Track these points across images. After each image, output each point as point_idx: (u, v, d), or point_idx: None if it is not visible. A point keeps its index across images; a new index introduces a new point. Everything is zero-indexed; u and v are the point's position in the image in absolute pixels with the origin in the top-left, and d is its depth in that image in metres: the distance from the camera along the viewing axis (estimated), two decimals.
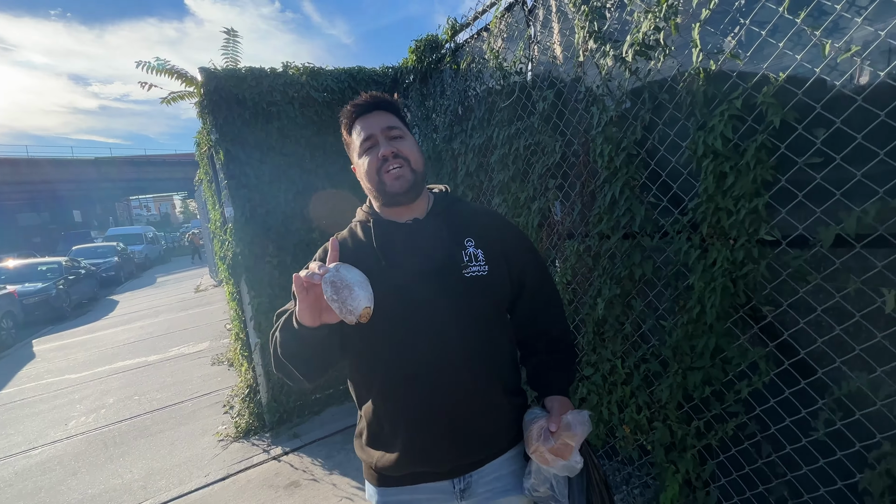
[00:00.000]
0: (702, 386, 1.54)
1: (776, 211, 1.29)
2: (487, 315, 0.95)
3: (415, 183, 0.93)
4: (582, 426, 0.87)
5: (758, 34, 1.25)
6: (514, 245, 1.02)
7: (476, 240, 0.96)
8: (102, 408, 4.12)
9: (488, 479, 0.95)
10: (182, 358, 5.36)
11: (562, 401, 0.97)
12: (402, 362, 0.89)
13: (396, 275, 0.90)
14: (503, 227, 1.03)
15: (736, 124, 1.31)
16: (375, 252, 0.93)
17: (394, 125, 0.94)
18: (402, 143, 0.93)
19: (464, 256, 0.94)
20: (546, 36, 2.04)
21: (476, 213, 1.04)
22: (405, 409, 0.90)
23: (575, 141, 1.95)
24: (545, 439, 0.88)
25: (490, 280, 0.94)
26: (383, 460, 0.92)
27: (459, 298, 0.91)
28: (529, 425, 0.93)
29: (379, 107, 0.96)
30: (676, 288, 1.61)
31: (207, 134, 3.06)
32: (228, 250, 3.06)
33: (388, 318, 0.88)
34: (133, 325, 7.79)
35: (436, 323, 0.89)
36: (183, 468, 2.87)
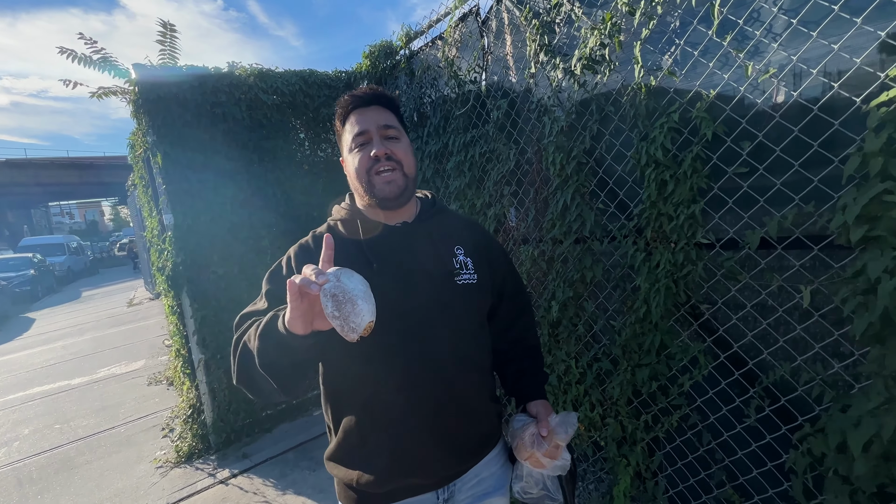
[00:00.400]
0: (649, 381, 1.63)
1: (710, 216, 1.40)
2: (476, 323, 0.96)
3: (406, 188, 0.90)
4: (571, 427, 0.92)
5: (691, 54, 1.36)
6: (496, 255, 1.04)
7: (465, 248, 0.97)
8: (15, 440, 3.65)
9: (470, 484, 0.95)
10: (113, 379, 4.89)
11: (545, 404, 1.02)
12: (393, 370, 0.86)
13: (387, 279, 0.87)
14: (486, 238, 1.05)
15: (674, 136, 1.42)
16: (364, 253, 0.89)
17: (391, 124, 0.90)
18: (397, 145, 0.89)
19: (455, 263, 0.93)
20: (499, 47, 2.10)
21: (461, 222, 1.04)
22: (396, 419, 0.86)
23: (528, 149, 2.02)
24: (538, 444, 0.91)
25: (478, 288, 0.94)
26: (365, 477, 0.87)
27: (451, 305, 0.90)
28: (520, 432, 0.95)
29: (378, 101, 0.91)
30: (624, 289, 1.70)
31: (143, 135, 2.84)
32: (168, 260, 2.84)
33: (379, 324, 0.81)
34: (53, 345, 7.00)
35: (428, 330, 0.87)
36: (115, 500, 2.60)
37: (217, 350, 2.97)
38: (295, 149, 3.27)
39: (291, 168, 3.20)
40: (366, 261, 0.88)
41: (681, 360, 1.54)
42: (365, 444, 0.88)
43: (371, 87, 0.93)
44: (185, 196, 2.78)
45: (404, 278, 0.88)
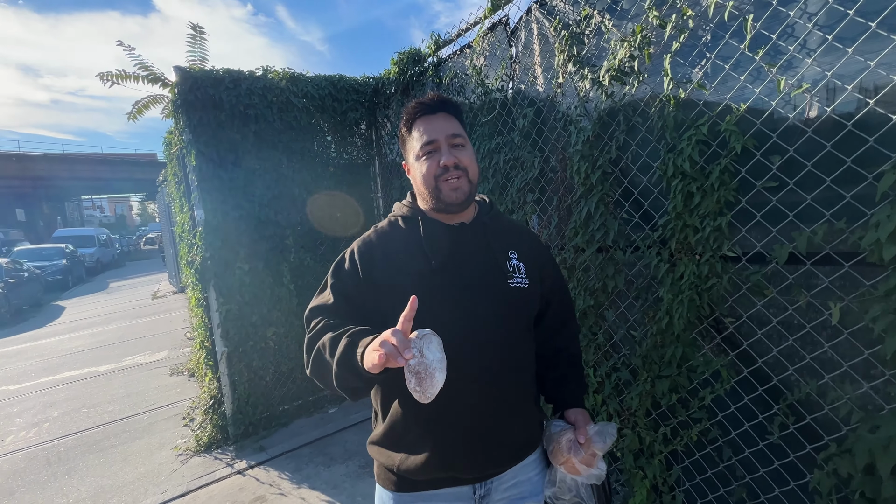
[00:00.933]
0: (669, 393, 1.62)
1: (737, 229, 1.39)
2: (524, 327, 0.98)
3: (470, 193, 0.94)
4: (610, 437, 0.93)
5: (721, 67, 1.36)
6: (546, 263, 1.07)
7: (518, 252, 0.99)
8: (46, 422, 3.82)
9: (506, 485, 0.97)
10: (137, 368, 5.06)
11: (584, 413, 1.02)
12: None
13: (445, 276, 0.91)
14: (538, 245, 1.08)
15: (702, 148, 1.42)
16: (424, 251, 0.93)
17: (457, 132, 0.93)
18: (463, 153, 0.93)
19: (508, 267, 0.96)
20: (527, 56, 2.13)
21: (515, 227, 1.08)
22: (441, 414, 0.88)
23: (553, 157, 2.04)
24: (576, 451, 0.93)
25: (529, 293, 0.97)
26: (407, 463, 0.91)
27: (503, 308, 0.92)
28: (557, 437, 0.97)
29: (444, 109, 0.95)
30: (647, 300, 1.70)
31: (179, 134, 2.96)
32: (197, 255, 2.95)
33: (432, 319, 0.86)
34: (82, 332, 7.28)
35: (479, 330, 0.90)
36: (137, 485, 2.69)
37: (239, 344, 3.06)
38: (321, 151, 3.36)
39: (317, 169, 3.29)
40: (425, 257, 0.93)
41: (702, 373, 1.53)
42: (408, 432, 0.92)
43: (437, 95, 0.96)
44: (216, 193, 2.89)
45: (460, 277, 0.92)
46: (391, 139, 3.36)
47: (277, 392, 3.29)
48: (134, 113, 3.15)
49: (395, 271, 0.93)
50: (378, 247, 0.97)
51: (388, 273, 0.93)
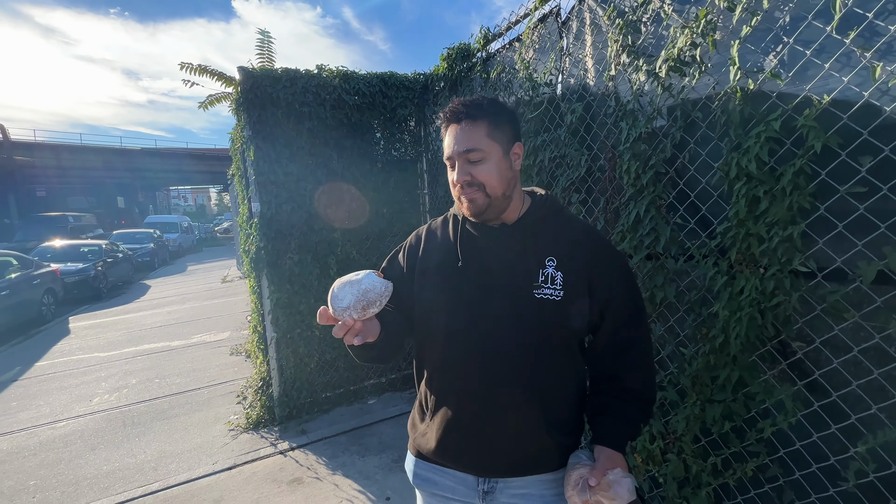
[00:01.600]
0: (721, 420, 1.45)
1: (813, 241, 1.21)
2: (548, 342, 0.89)
3: (489, 206, 0.90)
4: (626, 493, 0.80)
5: (802, 53, 1.18)
6: (603, 272, 0.91)
7: (559, 260, 0.90)
8: (125, 387, 4.28)
9: (514, 490, 0.95)
10: (203, 346, 5.53)
11: (611, 455, 0.88)
12: (451, 361, 0.94)
13: (467, 278, 0.93)
14: (597, 250, 0.93)
15: (773, 147, 1.24)
16: (455, 249, 0.97)
17: (473, 147, 0.88)
18: (479, 168, 0.89)
19: (540, 276, 0.89)
20: (578, 48, 2.01)
21: (570, 230, 0.95)
22: (444, 404, 0.97)
23: (601, 156, 1.90)
24: (581, 490, 0.83)
25: (562, 307, 0.88)
26: (422, 439, 1.02)
27: (521, 318, 0.88)
28: (570, 469, 0.89)
29: (467, 116, 0.90)
30: (700, 315, 1.53)
31: (241, 130, 3.16)
32: (252, 244, 3.14)
33: (449, 317, 0.93)
34: (161, 309, 8.09)
35: (491, 337, 0.89)
36: (193, 454, 2.93)
37: (287, 330, 3.22)
38: (370, 147, 3.42)
39: (366, 166, 3.36)
40: (455, 257, 0.96)
41: (762, 401, 1.35)
42: (425, 411, 1.03)
43: (460, 101, 0.91)
44: (272, 186, 3.05)
45: (482, 279, 0.92)
46: (438, 135, 3.34)
47: (320, 379, 3.42)
48: (206, 103, 3.38)
49: (428, 266, 1.00)
50: (424, 241, 1.04)
51: (422, 266, 1.00)
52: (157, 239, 16.28)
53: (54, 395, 4.20)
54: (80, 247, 10.83)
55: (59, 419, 3.65)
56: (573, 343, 0.94)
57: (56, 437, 3.34)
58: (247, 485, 2.56)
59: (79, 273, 9.49)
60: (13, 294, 6.95)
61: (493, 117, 0.91)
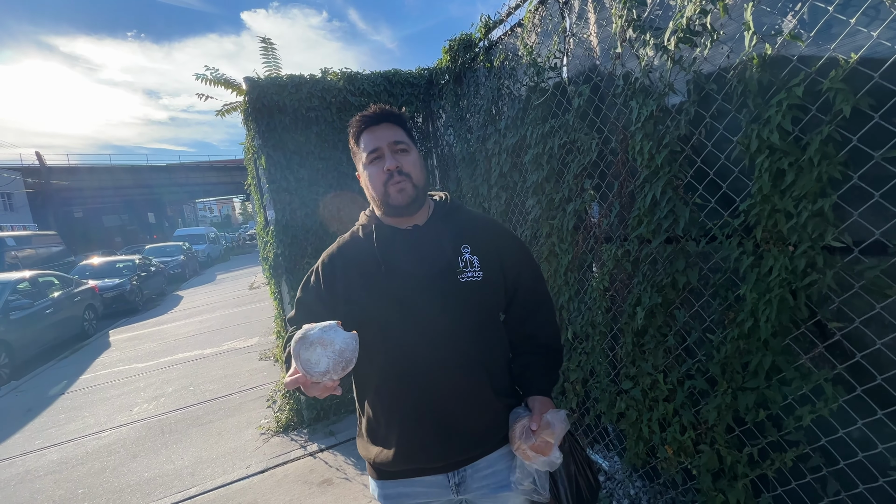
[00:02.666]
0: (755, 409, 1.37)
1: (847, 213, 1.11)
2: (480, 319, 0.99)
3: (416, 197, 0.99)
4: (561, 424, 0.93)
5: (824, 10, 1.09)
6: (510, 252, 1.06)
7: (472, 246, 1.01)
8: (162, 396, 4.45)
9: (483, 473, 1.00)
10: (233, 352, 5.69)
11: (542, 401, 1.01)
12: (396, 363, 0.95)
13: (394, 279, 0.96)
14: (499, 235, 1.08)
15: (797, 115, 1.15)
16: (376, 256, 0.99)
17: (400, 140, 0.99)
18: (406, 159, 0.98)
19: (460, 262, 0.98)
20: (582, 28, 1.92)
21: (474, 221, 1.08)
22: (399, 407, 0.96)
23: (613, 138, 1.83)
24: (526, 437, 0.93)
25: (483, 285, 0.98)
26: (381, 456, 0.98)
27: (453, 303, 0.95)
28: (513, 424, 0.98)
29: (387, 119, 1.00)
30: (726, 298, 1.45)
31: (251, 140, 3.20)
32: (270, 252, 3.19)
33: (384, 321, 0.95)
34: (193, 319, 8.39)
35: (429, 326, 0.94)
36: (227, 458, 3.02)
37: None
38: None
39: None
40: (377, 263, 0.98)
41: (799, 387, 1.26)
42: (379, 427, 1.00)
43: (379, 107, 1.01)
44: (285, 194, 3.08)
45: (408, 278, 0.96)
46: (447, 130, 3.30)
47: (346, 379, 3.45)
48: (222, 111, 3.42)
49: (352, 280, 1.00)
50: (339, 258, 1.04)
51: (346, 282, 1.00)
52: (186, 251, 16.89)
53: (98, 407, 4.41)
54: (116, 263, 11.34)
55: (103, 429, 3.83)
56: (497, 316, 1.07)
57: (101, 446, 3.50)
58: (279, 487, 2.61)
59: (116, 288, 9.95)
60: (57, 311, 7.34)
61: (405, 124, 1.03)
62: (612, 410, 1.99)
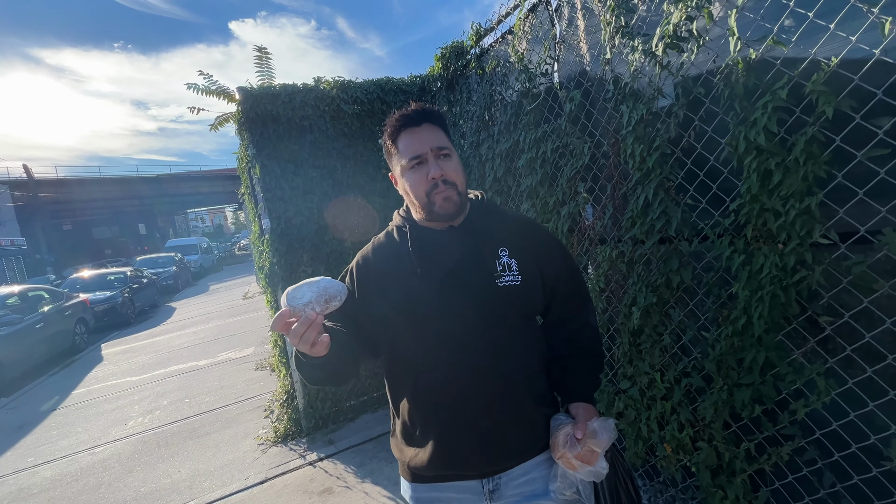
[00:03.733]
0: (751, 404, 1.40)
1: (833, 211, 1.15)
2: (519, 324, 0.96)
3: (461, 204, 0.96)
4: (608, 433, 0.89)
5: (804, 16, 1.13)
6: (548, 253, 1.02)
7: (510, 249, 0.97)
8: (158, 409, 4.39)
9: (517, 481, 0.96)
10: (229, 363, 5.64)
11: (587, 407, 0.97)
12: (432, 368, 0.93)
13: (430, 282, 0.93)
14: (538, 236, 1.04)
15: (782, 116, 1.19)
16: (411, 258, 0.96)
17: (443, 145, 0.94)
18: (449, 165, 0.94)
19: (497, 266, 0.95)
20: (572, 34, 1.96)
21: (511, 222, 1.04)
22: (435, 413, 0.94)
23: (604, 142, 1.86)
24: (571, 445, 0.90)
25: (523, 290, 0.95)
26: (416, 459, 0.96)
27: (491, 308, 0.92)
28: (555, 431, 0.95)
29: (428, 119, 0.95)
30: (719, 296, 1.48)
31: (245, 150, 3.21)
32: (266, 260, 3.18)
33: (421, 325, 0.93)
34: (187, 330, 8.30)
35: (466, 331, 0.91)
36: (225, 470, 2.99)
37: None
38: (374, 154, 3.43)
39: (370, 172, 3.37)
40: (412, 266, 0.95)
41: (792, 382, 1.29)
42: (415, 429, 0.97)
43: (420, 106, 0.96)
44: (280, 202, 3.08)
45: (446, 282, 0.93)
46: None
47: (344, 387, 3.45)
48: (216, 124, 3.43)
49: (387, 282, 0.97)
50: (373, 260, 1.02)
51: (380, 285, 0.98)
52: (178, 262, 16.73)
53: (92, 421, 4.34)
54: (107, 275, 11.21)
55: (97, 444, 3.77)
56: (535, 321, 1.04)
57: (95, 462, 3.45)
58: (279, 498, 2.59)
59: (107, 301, 9.82)
60: (47, 326, 7.23)
61: (445, 123, 0.99)
62: (610, 410, 2.01)
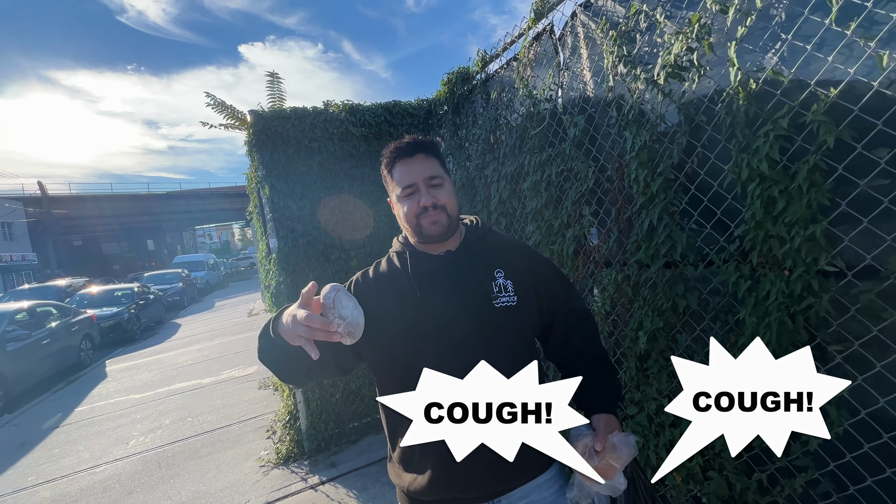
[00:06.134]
0: None
1: (839, 238, 1.15)
2: (516, 344, 0.98)
3: (450, 226, 1.00)
4: (628, 449, 0.87)
5: (801, 49, 1.15)
6: (542, 275, 1.05)
7: (506, 271, 1.01)
8: (159, 428, 4.36)
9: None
10: (232, 381, 5.61)
11: (608, 419, 0.96)
12: None
13: (429, 305, 0.96)
14: (532, 258, 1.07)
15: (783, 145, 1.20)
16: (410, 282, 0.99)
17: (435, 174, 0.99)
18: (441, 192, 0.99)
19: (494, 287, 0.98)
20: (575, 62, 2.01)
21: (506, 245, 1.08)
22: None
23: (609, 166, 1.88)
24: (589, 457, 0.88)
25: (519, 310, 0.97)
26: (415, 484, 0.95)
27: (488, 328, 0.94)
28: (574, 441, 0.93)
29: (422, 150, 1.01)
30: (726, 322, 1.47)
31: (255, 170, 3.27)
32: (272, 280, 3.20)
33: (419, 348, 0.94)
34: (192, 347, 8.29)
35: (465, 352, 0.92)
36: (226, 493, 2.94)
37: None
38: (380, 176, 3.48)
39: (377, 193, 3.41)
40: (412, 290, 0.98)
41: None
42: (414, 453, 0.96)
43: (413, 138, 1.02)
44: (287, 222, 3.12)
45: (444, 304, 0.96)
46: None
47: (347, 409, 3.41)
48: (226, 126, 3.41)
49: (386, 304, 0.99)
50: (372, 282, 1.06)
51: (380, 306, 0.99)
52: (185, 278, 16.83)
53: (93, 440, 4.32)
54: (114, 291, 11.29)
55: (98, 464, 3.74)
56: (532, 341, 1.05)
57: (96, 482, 3.41)
58: None
59: (113, 317, 9.87)
60: (54, 342, 7.26)
61: (438, 152, 1.04)
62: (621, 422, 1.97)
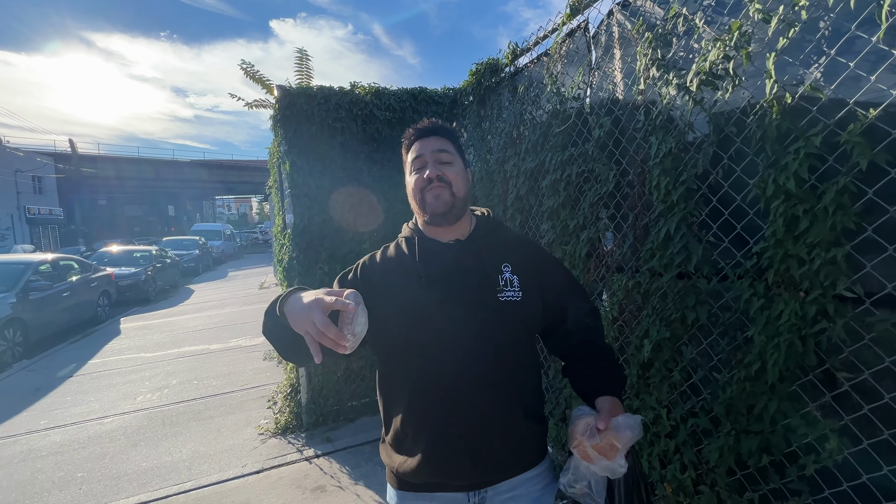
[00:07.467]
0: (758, 453, 1.36)
1: (860, 264, 1.12)
2: (517, 339, 0.98)
3: (454, 206, 0.99)
4: (632, 430, 0.84)
5: (844, 66, 1.12)
6: (548, 272, 1.05)
7: (512, 266, 1.00)
8: (166, 388, 4.51)
9: (503, 496, 0.97)
10: (239, 350, 5.75)
11: (613, 401, 0.94)
12: (429, 376, 0.94)
13: (433, 292, 0.96)
14: (538, 256, 1.07)
15: (814, 163, 1.17)
16: (417, 268, 0.99)
17: (445, 149, 1.01)
18: (449, 168, 0.99)
19: (500, 280, 0.98)
20: (607, 62, 1.98)
21: (514, 240, 1.08)
22: (428, 421, 0.94)
23: (630, 171, 1.86)
24: (591, 435, 0.86)
25: (523, 305, 0.97)
26: (404, 466, 0.96)
27: (491, 321, 0.94)
28: (576, 420, 0.92)
29: (437, 132, 1.03)
30: (734, 338, 1.45)
31: (278, 145, 3.31)
32: (286, 254, 3.26)
33: (422, 333, 0.94)
34: (203, 313, 8.50)
35: (466, 342, 0.93)
36: (224, 456, 3.04)
37: None
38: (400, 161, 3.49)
39: (395, 178, 3.42)
40: (417, 274, 0.98)
41: (804, 435, 1.25)
42: (406, 437, 0.97)
43: (431, 121, 1.04)
44: (305, 199, 3.16)
45: (449, 292, 0.95)
46: (467, 149, 3.37)
47: (347, 388, 3.47)
48: (252, 104, 3.48)
49: (391, 286, 1.00)
50: (379, 265, 1.05)
51: (384, 288, 1.00)
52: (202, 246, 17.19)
53: (104, 392, 4.48)
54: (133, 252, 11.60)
55: (106, 415, 3.89)
56: (533, 338, 1.05)
57: (103, 432, 3.55)
58: (273, 489, 2.62)
59: (131, 277, 10.17)
60: (73, 295, 7.52)
61: (455, 138, 1.05)
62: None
